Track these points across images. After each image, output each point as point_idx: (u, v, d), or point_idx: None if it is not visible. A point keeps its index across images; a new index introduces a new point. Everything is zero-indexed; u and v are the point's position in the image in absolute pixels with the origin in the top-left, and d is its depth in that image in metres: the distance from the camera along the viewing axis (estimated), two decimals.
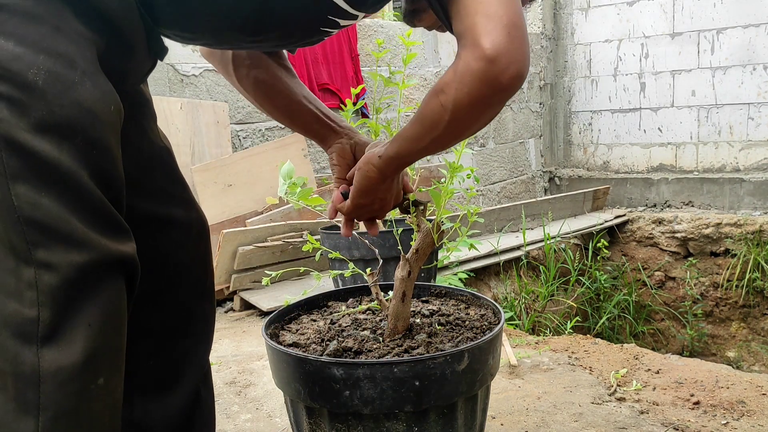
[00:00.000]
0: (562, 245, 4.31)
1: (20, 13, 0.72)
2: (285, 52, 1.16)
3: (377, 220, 1.13)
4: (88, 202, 0.75)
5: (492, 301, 1.34)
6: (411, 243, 1.19)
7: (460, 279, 3.04)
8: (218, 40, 0.99)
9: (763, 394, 1.76)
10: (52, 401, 0.72)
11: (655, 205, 5.52)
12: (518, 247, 4.02)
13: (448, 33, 1.11)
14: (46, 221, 0.72)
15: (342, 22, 0.96)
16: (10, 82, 0.70)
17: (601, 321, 4.14)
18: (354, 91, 1.56)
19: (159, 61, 0.99)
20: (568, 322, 3.07)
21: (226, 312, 2.96)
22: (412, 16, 1.07)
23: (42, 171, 0.71)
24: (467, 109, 0.83)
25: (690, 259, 4.81)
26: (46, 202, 0.71)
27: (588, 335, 2.59)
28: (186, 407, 1.11)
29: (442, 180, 1.22)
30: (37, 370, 0.71)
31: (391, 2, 1.15)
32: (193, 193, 1.17)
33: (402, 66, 4.52)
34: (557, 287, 4.00)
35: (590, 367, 2.02)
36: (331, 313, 1.38)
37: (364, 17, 1.01)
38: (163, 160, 1.07)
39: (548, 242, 4.04)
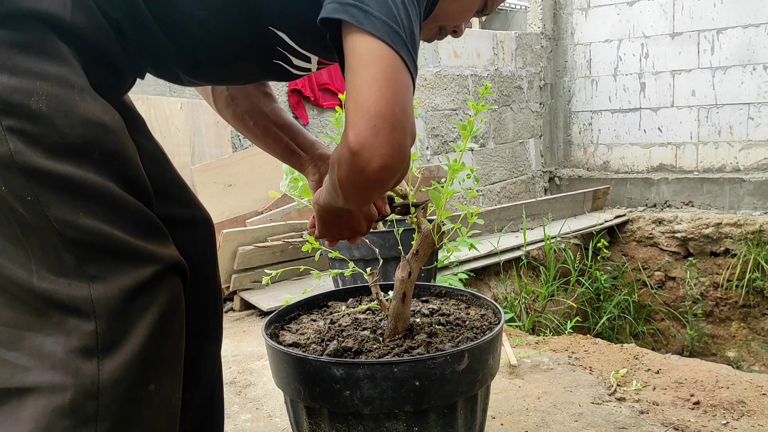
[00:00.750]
0: (562, 245, 4.31)
1: (6, 44, 0.72)
2: None
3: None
4: (125, 210, 0.76)
5: (492, 301, 1.34)
6: (411, 243, 1.19)
7: (460, 279, 3.04)
8: (181, 82, 1.00)
9: (763, 394, 1.76)
10: (110, 411, 0.73)
11: (655, 205, 5.52)
12: (518, 247, 4.02)
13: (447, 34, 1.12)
14: (90, 239, 0.73)
15: (294, 60, 0.96)
16: (15, 115, 0.70)
17: (601, 321, 4.14)
18: (342, 96, 1.55)
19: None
20: (568, 322, 3.07)
21: (226, 312, 2.96)
22: None
23: (72, 193, 0.72)
24: (351, 189, 0.83)
25: (690, 259, 4.82)
26: (86, 221, 0.72)
27: (588, 335, 2.58)
28: (204, 405, 1.12)
29: (443, 180, 1.22)
30: (96, 381, 0.72)
31: None
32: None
33: None
34: (557, 287, 4.00)
35: (590, 367, 2.02)
36: (331, 313, 1.38)
37: (322, 66, 1.01)
38: (158, 163, 1.08)
39: (548, 242, 4.04)
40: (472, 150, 5.10)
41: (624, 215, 5.22)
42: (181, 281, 0.83)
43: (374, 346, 1.13)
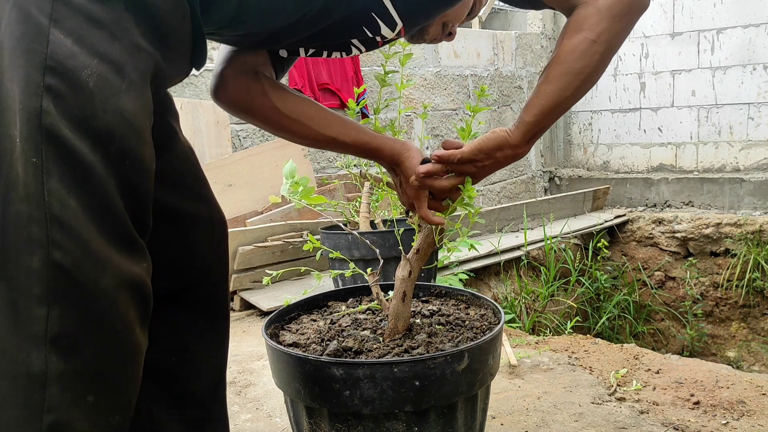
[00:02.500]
0: (562, 245, 4.31)
1: (84, 14, 0.73)
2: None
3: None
4: (110, 212, 0.74)
5: (492, 301, 1.34)
6: (412, 243, 1.19)
7: (460, 279, 3.04)
8: (267, 33, 0.99)
9: (763, 394, 1.76)
10: (56, 405, 0.70)
11: (655, 205, 5.52)
12: (518, 247, 4.02)
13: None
14: (70, 223, 0.70)
15: (383, 28, 0.99)
16: (62, 77, 0.70)
17: (601, 321, 4.14)
18: (357, 90, 1.56)
19: None
20: (568, 322, 3.07)
21: None
22: (420, 33, 1.09)
23: (76, 171, 0.70)
24: (620, 33, 0.92)
25: (690, 259, 4.81)
26: (74, 204, 0.70)
27: (588, 335, 2.59)
28: (206, 405, 1.12)
29: None
30: (45, 371, 0.69)
31: None
32: None
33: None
34: (557, 287, 4.00)
35: (590, 367, 2.02)
36: (331, 313, 1.38)
37: (395, 37, 1.04)
38: (189, 160, 1.08)
39: (548, 242, 4.04)
40: None
41: (624, 215, 5.22)
42: (136, 301, 0.78)
43: (374, 346, 1.13)
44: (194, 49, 0.90)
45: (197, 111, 3.28)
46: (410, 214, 1.19)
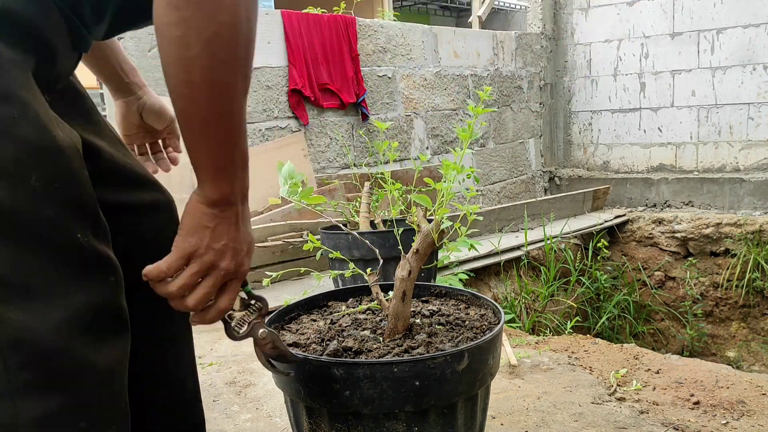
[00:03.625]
0: (562, 245, 4.32)
1: None
2: None
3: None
4: (53, 245, 0.69)
5: (492, 301, 1.34)
6: (411, 243, 1.19)
7: (460, 279, 3.04)
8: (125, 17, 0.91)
9: (763, 394, 1.76)
10: None
11: (655, 205, 5.52)
12: (518, 247, 4.03)
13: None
14: (4, 274, 0.65)
15: None
16: None
17: (601, 321, 4.14)
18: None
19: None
20: (568, 322, 3.07)
21: None
22: None
23: None
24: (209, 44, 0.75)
25: (690, 259, 4.82)
26: (4, 252, 0.65)
27: (588, 335, 2.59)
28: (175, 401, 1.11)
29: (444, 181, 1.22)
30: (16, 423, 0.65)
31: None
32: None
33: (403, 64, 4.53)
34: (557, 287, 4.00)
35: (590, 367, 2.02)
36: (331, 313, 1.38)
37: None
38: (119, 150, 1.03)
39: (548, 242, 4.04)
40: (472, 150, 5.10)
41: (624, 215, 5.22)
42: (116, 327, 0.75)
43: (374, 346, 1.13)
44: (72, 36, 0.82)
45: None
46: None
